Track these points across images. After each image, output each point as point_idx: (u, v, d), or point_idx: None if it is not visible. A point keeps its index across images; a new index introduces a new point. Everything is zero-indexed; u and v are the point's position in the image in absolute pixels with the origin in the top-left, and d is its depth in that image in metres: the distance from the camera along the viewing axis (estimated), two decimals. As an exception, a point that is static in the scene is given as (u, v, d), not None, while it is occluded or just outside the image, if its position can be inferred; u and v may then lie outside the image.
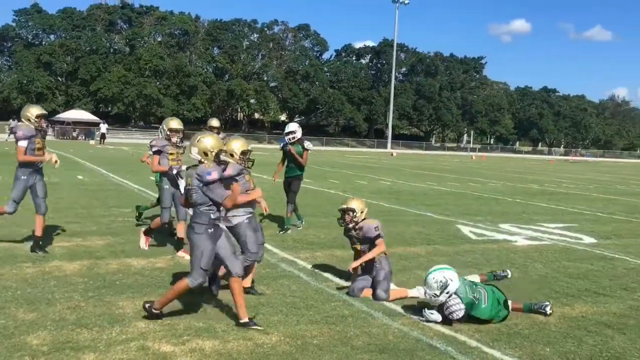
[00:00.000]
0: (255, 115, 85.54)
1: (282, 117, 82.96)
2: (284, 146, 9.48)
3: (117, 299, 5.36)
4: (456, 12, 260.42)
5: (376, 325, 5.03)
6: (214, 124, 11.80)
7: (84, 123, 58.12)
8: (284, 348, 4.40)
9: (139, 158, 9.51)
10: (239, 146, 5.65)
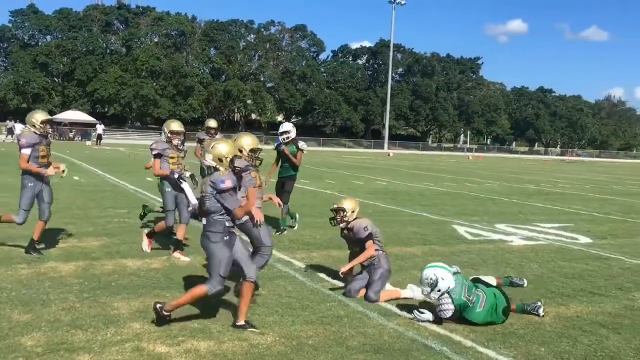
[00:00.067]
0: (252, 116, 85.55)
1: (279, 118, 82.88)
2: (278, 146, 9.44)
3: (112, 300, 5.36)
4: (453, 13, 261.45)
5: (371, 326, 5.03)
6: (212, 124, 11.78)
7: (80, 124, 58.06)
8: (279, 348, 4.41)
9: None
10: (249, 143, 5.65)
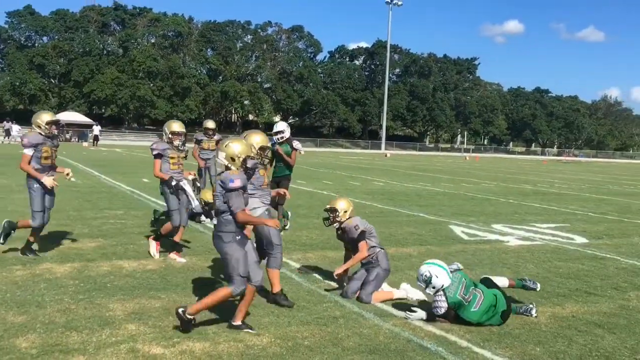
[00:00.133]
0: (249, 117, 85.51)
1: (276, 119, 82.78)
2: (272, 146, 9.40)
3: (107, 302, 5.35)
4: (449, 14, 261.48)
5: (367, 326, 5.03)
6: (210, 125, 11.79)
7: (77, 125, 57.96)
8: (274, 349, 4.40)
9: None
10: (259, 141, 5.64)
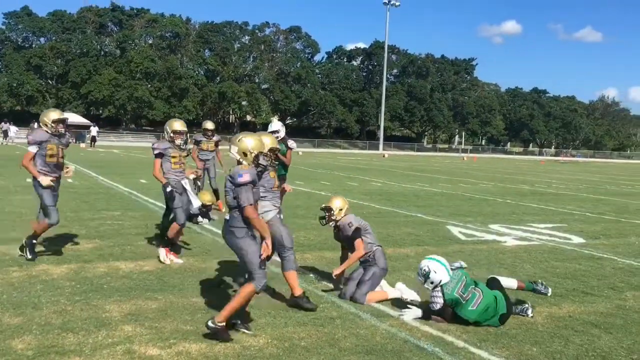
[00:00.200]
0: (247, 118, 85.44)
1: (274, 119, 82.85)
2: None
3: (104, 303, 5.33)
4: (447, 14, 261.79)
5: (364, 327, 5.02)
6: (209, 126, 11.77)
7: (74, 126, 57.72)
8: (271, 350, 4.39)
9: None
10: (269, 143, 5.63)
